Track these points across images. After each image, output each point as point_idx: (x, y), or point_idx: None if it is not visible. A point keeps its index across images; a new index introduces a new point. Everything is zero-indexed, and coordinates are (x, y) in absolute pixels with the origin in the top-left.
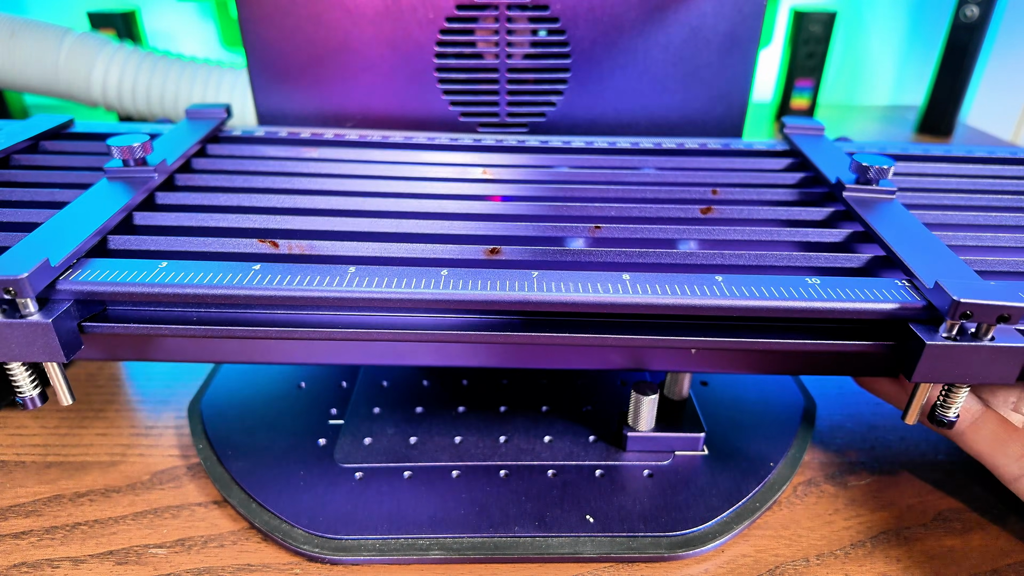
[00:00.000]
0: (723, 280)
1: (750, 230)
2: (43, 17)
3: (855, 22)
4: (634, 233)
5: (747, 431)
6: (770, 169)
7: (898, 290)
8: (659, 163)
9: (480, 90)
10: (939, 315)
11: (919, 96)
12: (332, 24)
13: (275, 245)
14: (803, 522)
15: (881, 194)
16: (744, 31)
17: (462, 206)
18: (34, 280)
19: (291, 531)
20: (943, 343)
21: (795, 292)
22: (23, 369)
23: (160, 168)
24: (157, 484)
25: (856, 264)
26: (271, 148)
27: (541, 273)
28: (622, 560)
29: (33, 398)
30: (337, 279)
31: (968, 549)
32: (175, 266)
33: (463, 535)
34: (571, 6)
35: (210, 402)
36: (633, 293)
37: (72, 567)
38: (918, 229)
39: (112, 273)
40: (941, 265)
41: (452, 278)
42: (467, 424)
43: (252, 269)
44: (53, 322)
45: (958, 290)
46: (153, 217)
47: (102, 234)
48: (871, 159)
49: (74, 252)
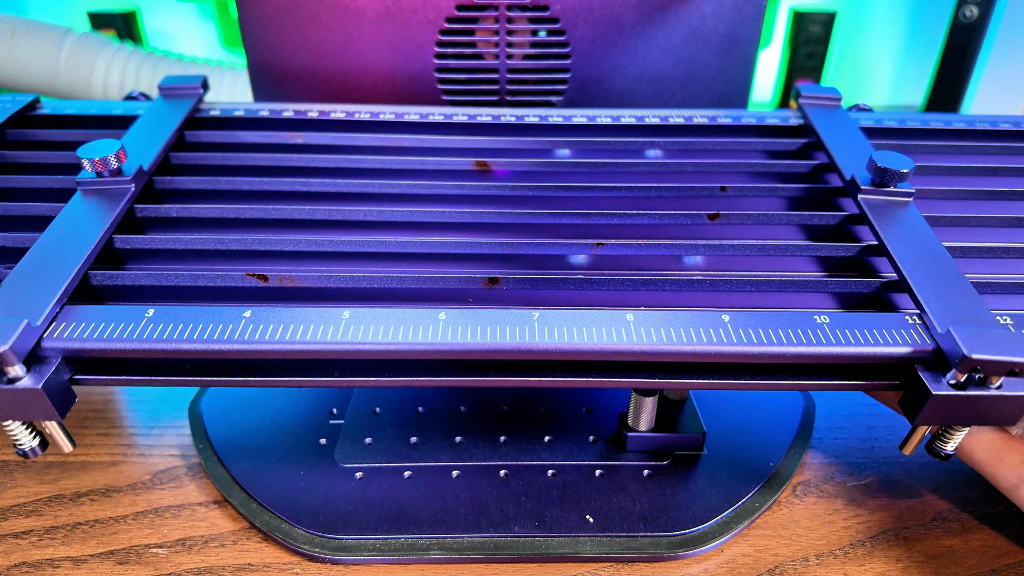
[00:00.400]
0: (730, 321)
1: (759, 243)
2: (43, 17)
3: (855, 22)
4: (638, 250)
5: (747, 431)
6: (782, 151)
7: (907, 330)
8: (666, 144)
9: (480, 91)
10: (946, 360)
11: (919, 96)
12: (332, 24)
13: (264, 279)
14: (802, 522)
15: (898, 197)
16: (744, 32)
17: (459, 215)
18: (18, 347)
19: (291, 531)
20: (949, 393)
21: (803, 337)
22: (20, 425)
23: (137, 175)
24: (158, 484)
25: (867, 290)
26: (253, 134)
27: (542, 314)
28: (622, 560)
29: (34, 448)
30: (331, 329)
31: (967, 549)
32: (162, 314)
33: (463, 535)
34: (571, 7)
35: (210, 402)
36: (637, 340)
37: (73, 567)
38: (932, 247)
39: (98, 328)
40: (954, 299)
41: (450, 324)
42: (467, 424)
43: (242, 317)
44: (43, 387)
45: (971, 345)
46: (133, 240)
47: (83, 269)
48: (890, 160)
49: (56, 300)
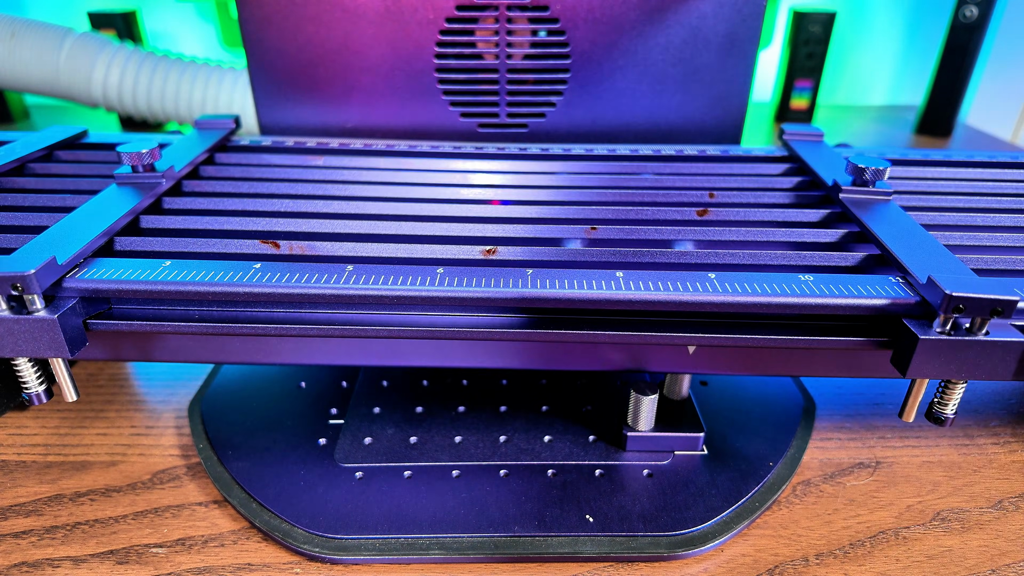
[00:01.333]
0: (716, 277)
1: (745, 231)
2: (43, 17)
3: (854, 22)
4: (629, 234)
5: (746, 431)
6: (767, 174)
7: (891, 286)
8: (657, 168)
9: (480, 90)
10: (933, 310)
11: (918, 96)
12: (332, 24)
13: (276, 246)
14: (802, 522)
15: (877, 195)
16: (744, 32)
17: (460, 209)
18: (41, 277)
19: (291, 531)
20: (937, 337)
21: (788, 288)
22: (29, 365)
23: (168, 174)
24: (157, 484)
25: (850, 263)
26: (277, 157)
27: (536, 271)
28: (622, 560)
29: (39, 394)
30: (335, 277)
31: (967, 549)
32: (178, 265)
33: (463, 535)
34: (571, 7)
35: (210, 402)
36: (627, 289)
37: (73, 566)
38: (913, 228)
39: (116, 271)
40: (935, 262)
41: (448, 275)
42: (467, 424)
43: (253, 268)
44: (59, 318)
45: (951, 284)
46: (159, 220)
47: (109, 235)
48: (867, 160)
49: (80, 252)
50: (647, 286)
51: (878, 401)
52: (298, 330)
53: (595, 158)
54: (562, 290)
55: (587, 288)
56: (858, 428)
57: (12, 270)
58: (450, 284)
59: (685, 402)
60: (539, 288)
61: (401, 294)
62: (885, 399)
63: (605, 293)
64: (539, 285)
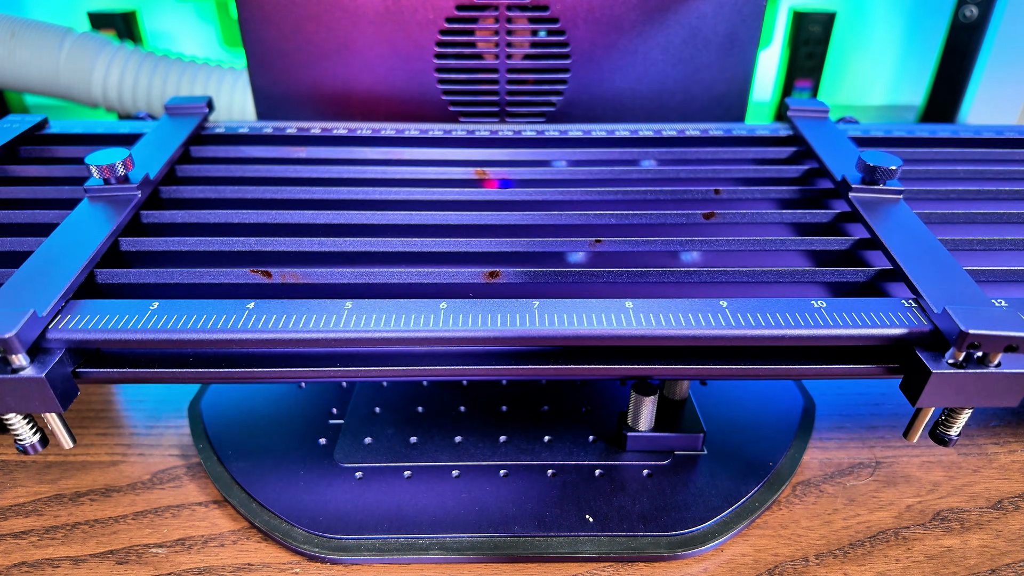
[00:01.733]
0: (728, 307)
1: (754, 240)
2: (43, 17)
3: (855, 22)
4: (635, 246)
5: (746, 431)
6: (774, 160)
7: (904, 313)
8: (660, 155)
9: (480, 90)
10: (945, 341)
11: (918, 96)
12: (332, 24)
13: (268, 275)
14: (802, 522)
15: (887, 194)
16: (744, 32)
17: (459, 216)
18: (23, 335)
19: (291, 531)
20: (949, 371)
21: (800, 319)
22: (21, 419)
23: (144, 183)
24: (157, 484)
25: (862, 279)
26: (257, 149)
27: (542, 303)
28: (622, 560)
29: (34, 444)
30: (334, 318)
31: (967, 549)
32: (167, 307)
33: (463, 535)
34: (571, 6)
35: (210, 402)
36: (637, 325)
37: (73, 566)
38: (924, 237)
39: (103, 319)
40: (948, 284)
41: (451, 312)
42: (467, 424)
43: (246, 308)
44: (47, 376)
45: (966, 320)
46: (139, 243)
47: (89, 268)
48: (878, 159)
49: (62, 295)
50: (658, 320)
51: (878, 401)
52: (295, 374)
53: (593, 142)
54: (570, 327)
55: (596, 324)
56: (858, 428)
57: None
58: (454, 323)
59: (685, 402)
60: (547, 325)
61: (403, 336)
62: (885, 399)
63: (615, 330)
64: (547, 321)
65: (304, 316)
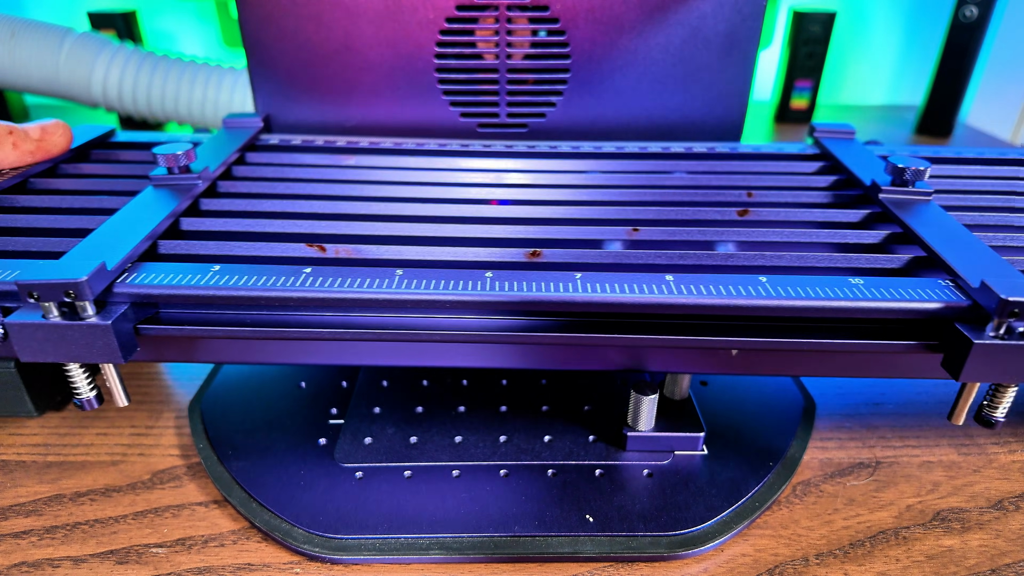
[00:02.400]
0: (767, 281)
1: (788, 232)
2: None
3: (854, 22)
4: (672, 235)
5: (747, 431)
6: (802, 172)
7: (942, 289)
8: (690, 167)
9: (480, 90)
10: (985, 314)
11: (918, 96)
12: (332, 24)
13: (323, 249)
14: (802, 522)
15: (918, 195)
16: (744, 32)
17: (500, 210)
18: (93, 283)
19: (291, 531)
20: (991, 342)
21: (840, 292)
22: (81, 371)
23: (203, 175)
24: (157, 484)
25: (897, 264)
26: (308, 156)
27: (584, 275)
28: (622, 560)
29: (91, 400)
30: (386, 282)
31: (967, 549)
32: (228, 269)
33: (463, 535)
34: (571, 7)
35: (210, 402)
36: (678, 294)
37: (73, 566)
38: (958, 230)
39: (168, 276)
40: (985, 265)
41: (497, 279)
42: (467, 424)
43: (303, 272)
44: (112, 324)
45: (1006, 289)
46: (200, 223)
47: (152, 239)
48: (907, 160)
49: (128, 256)
50: (699, 290)
51: (878, 401)
52: (346, 334)
53: (625, 156)
54: (612, 294)
55: (638, 292)
56: (858, 428)
57: (64, 276)
58: (500, 288)
59: (685, 402)
60: (589, 292)
61: (453, 299)
62: (885, 399)
63: (657, 297)
64: (589, 289)
65: (359, 280)
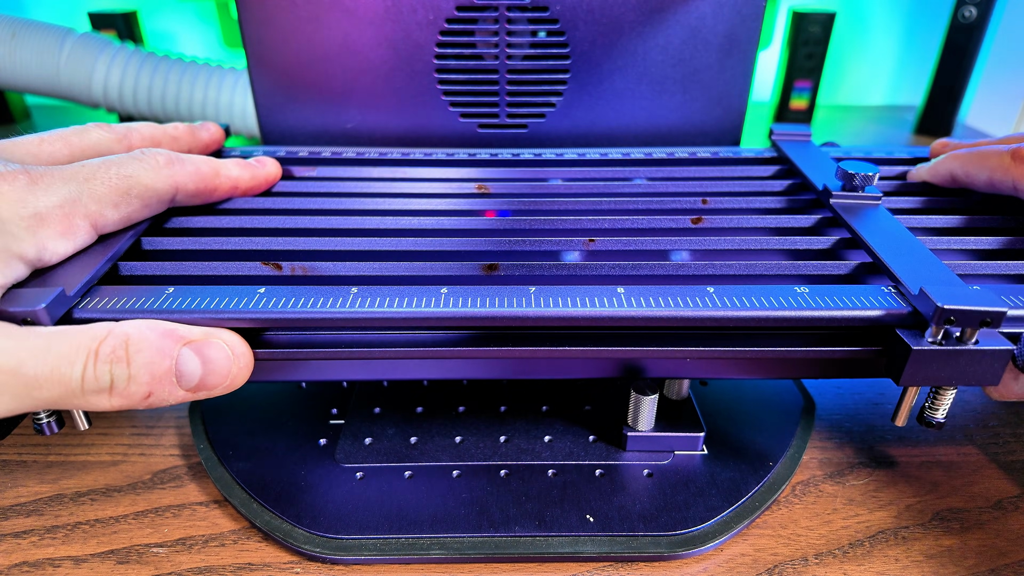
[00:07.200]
0: (715, 291)
1: (740, 239)
2: (43, 17)
3: (854, 22)
4: (627, 245)
5: (746, 431)
6: (758, 176)
7: (884, 297)
8: (650, 173)
9: (480, 91)
10: (924, 321)
11: (918, 96)
12: (332, 25)
13: (278, 267)
14: (802, 521)
15: (867, 200)
16: (743, 33)
17: (459, 222)
18: (52, 310)
19: (292, 531)
20: (929, 348)
21: (785, 302)
22: None
23: None
24: (158, 484)
25: (844, 271)
26: None
27: (538, 289)
28: (622, 559)
29: (50, 424)
30: (340, 300)
31: (966, 549)
32: (182, 291)
33: (463, 535)
34: (571, 7)
35: (211, 402)
36: (628, 307)
37: (73, 566)
38: (903, 235)
39: (123, 300)
40: (925, 271)
41: (452, 296)
42: (467, 424)
43: (257, 292)
44: None
45: (942, 297)
46: (160, 242)
47: (113, 260)
48: (856, 166)
49: (88, 280)
50: (648, 302)
51: (878, 401)
52: (301, 354)
53: (588, 163)
54: (565, 309)
55: (590, 306)
56: (858, 428)
57: (22, 307)
58: (454, 304)
59: (685, 402)
60: (542, 307)
61: (406, 316)
62: (884, 399)
63: (608, 311)
64: (542, 303)
65: (312, 299)
